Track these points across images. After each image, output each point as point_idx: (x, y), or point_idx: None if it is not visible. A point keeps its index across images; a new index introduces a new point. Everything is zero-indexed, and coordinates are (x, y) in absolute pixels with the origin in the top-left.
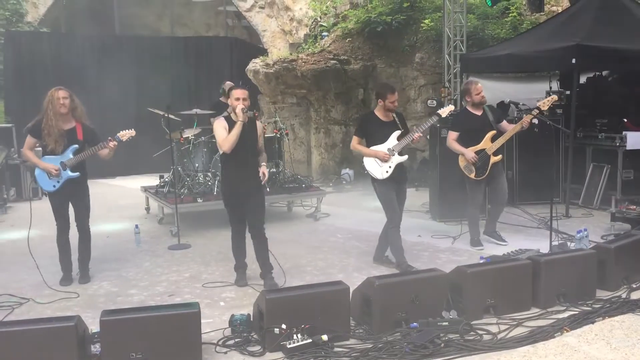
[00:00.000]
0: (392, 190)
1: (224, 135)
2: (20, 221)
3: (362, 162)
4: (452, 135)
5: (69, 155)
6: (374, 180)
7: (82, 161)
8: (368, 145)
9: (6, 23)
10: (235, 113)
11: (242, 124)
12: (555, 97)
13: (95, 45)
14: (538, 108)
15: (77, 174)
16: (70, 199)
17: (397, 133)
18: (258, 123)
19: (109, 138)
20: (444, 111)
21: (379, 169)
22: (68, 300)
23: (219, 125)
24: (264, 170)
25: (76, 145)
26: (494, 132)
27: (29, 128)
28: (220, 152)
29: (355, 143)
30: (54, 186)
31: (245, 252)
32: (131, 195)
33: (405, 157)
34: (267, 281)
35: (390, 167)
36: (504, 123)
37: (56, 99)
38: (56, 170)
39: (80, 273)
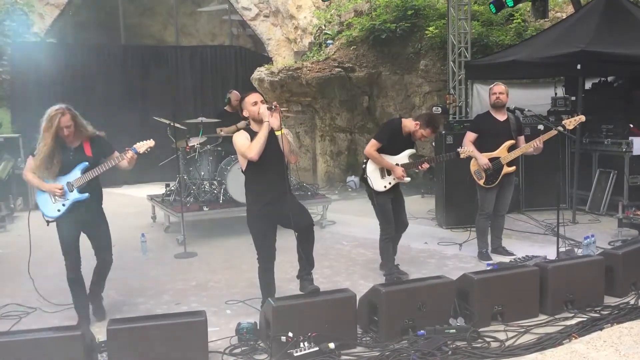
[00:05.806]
0: (389, 202)
1: (247, 144)
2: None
3: (365, 165)
4: (470, 137)
5: (77, 174)
6: (373, 190)
7: (92, 180)
8: (378, 149)
9: (13, 34)
10: (255, 121)
11: (268, 128)
12: (582, 117)
13: (101, 55)
14: (563, 126)
15: (85, 195)
16: (83, 229)
17: (410, 151)
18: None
19: (127, 148)
20: (464, 152)
21: (380, 181)
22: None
23: (241, 136)
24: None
25: (86, 163)
26: (512, 141)
27: (32, 149)
28: (243, 167)
29: (373, 150)
30: (59, 210)
31: (275, 288)
32: (137, 204)
33: (409, 179)
34: (307, 283)
35: (390, 183)
36: (522, 138)
37: (59, 128)
38: (60, 190)
39: (94, 305)
